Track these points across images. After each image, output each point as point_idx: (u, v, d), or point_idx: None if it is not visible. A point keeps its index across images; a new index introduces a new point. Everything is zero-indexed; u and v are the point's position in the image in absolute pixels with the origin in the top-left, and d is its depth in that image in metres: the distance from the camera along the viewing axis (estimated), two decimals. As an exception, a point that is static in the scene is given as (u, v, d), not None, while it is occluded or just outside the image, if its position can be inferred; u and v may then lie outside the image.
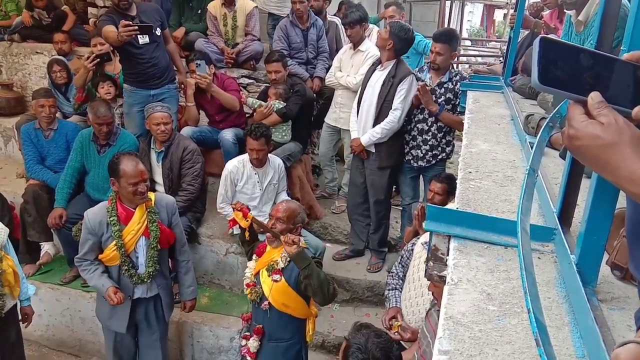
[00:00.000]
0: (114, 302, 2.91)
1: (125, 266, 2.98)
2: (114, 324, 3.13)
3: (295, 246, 2.61)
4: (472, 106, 2.85)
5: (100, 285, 2.98)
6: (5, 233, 3.04)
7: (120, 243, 2.93)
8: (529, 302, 0.71)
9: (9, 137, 5.38)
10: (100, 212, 2.97)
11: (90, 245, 2.97)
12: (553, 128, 1.59)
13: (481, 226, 1.37)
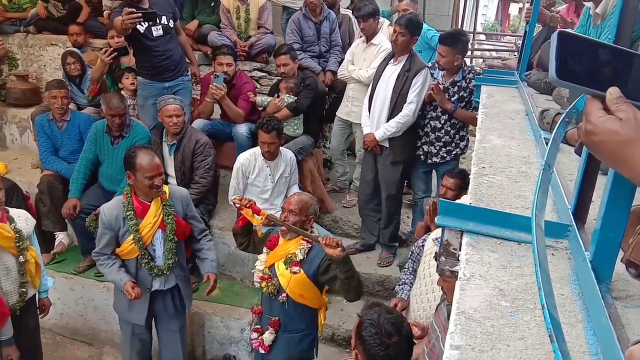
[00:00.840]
0: (132, 297, 2.94)
1: (145, 259, 3.01)
2: (133, 316, 3.17)
3: (340, 249, 2.51)
4: (486, 101, 2.82)
5: (118, 280, 3.01)
6: (32, 224, 3.09)
7: (137, 237, 2.96)
8: (543, 299, 0.70)
9: (24, 128, 5.45)
10: (116, 206, 3.00)
11: (107, 239, 3.00)
12: (569, 123, 1.57)
13: (494, 221, 1.36)
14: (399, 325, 1.71)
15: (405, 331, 1.72)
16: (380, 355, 1.67)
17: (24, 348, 3.13)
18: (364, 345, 1.70)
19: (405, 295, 2.96)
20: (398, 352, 1.68)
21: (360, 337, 1.72)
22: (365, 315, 1.76)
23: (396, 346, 1.68)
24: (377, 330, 1.68)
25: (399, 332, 1.69)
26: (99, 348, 4.14)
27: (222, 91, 4.10)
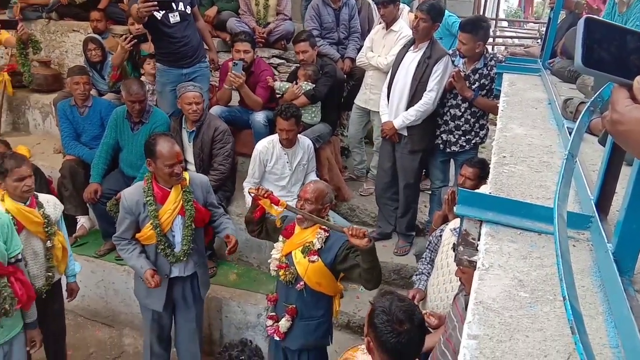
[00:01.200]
0: (151, 286, 2.99)
1: (162, 245, 3.05)
2: (151, 302, 3.22)
3: (367, 239, 2.46)
4: (508, 89, 2.77)
5: (138, 267, 3.05)
6: (60, 209, 3.16)
7: (156, 222, 2.99)
8: (564, 290, 0.70)
9: (47, 113, 5.54)
10: (137, 192, 3.03)
11: (127, 224, 3.04)
12: (594, 112, 1.54)
13: (514, 212, 1.34)
14: (410, 313, 1.72)
15: (417, 319, 1.72)
16: (391, 342, 1.67)
17: (49, 330, 3.22)
18: (375, 333, 1.71)
19: (423, 286, 2.96)
20: (409, 340, 1.69)
21: (372, 324, 1.72)
22: (377, 302, 1.76)
23: (408, 334, 1.68)
24: (389, 318, 1.69)
25: (411, 320, 1.70)
26: (119, 330, 4.23)
27: (240, 79, 4.10)
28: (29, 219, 2.92)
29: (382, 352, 1.71)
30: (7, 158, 2.88)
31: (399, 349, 1.68)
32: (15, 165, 2.84)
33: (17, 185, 2.85)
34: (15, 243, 2.62)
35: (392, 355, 1.70)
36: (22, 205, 2.90)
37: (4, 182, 2.85)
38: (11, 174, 2.83)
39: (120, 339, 4.15)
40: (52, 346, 3.42)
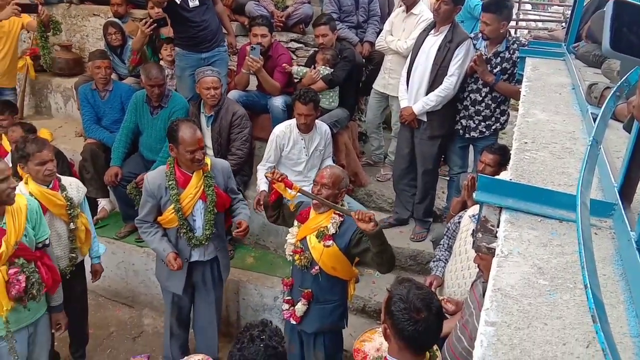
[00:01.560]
0: (174, 268, 3.04)
1: (183, 229, 3.08)
2: (171, 285, 3.28)
3: (373, 223, 2.50)
4: (531, 74, 2.72)
5: (161, 250, 3.10)
6: (83, 192, 3.22)
7: (178, 207, 3.03)
8: (586, 278, 0.68)
9: (68, 97, 5.62)
10: (159, 175, 3.07)
11: (149, 207, 3.08)
12: (620, 98, 1.50)
13: (535, 198, 1.33)
14: (428, 301, 1.70)
15: (435, 307, 1.71)
16: (408, 330, 1.67)
17: (72, 309, 3.30)
18: (392, 320, 1.70)
19: (440, 273, 2.95)
20: (427, 328, 1.68)
21: (390, 312, 1.72)
22: (394, 290, 1.76)
23: (425, 322, 1.67)
24: (406, 306, 1.68)
25: (429, 309, 1.69)
26: (139, 310, 4.32)
27: (258, 64, 4.09)
28: (52, 201, 2.98)
29: (399, 340, 1.71)
30: (28, 142, 2.93)
31: (416, 337, 1.68)
32: (36, 149, 2.88)
33: (39, 169, 2.90)
34: (43, 229, 2.68)
35: (409, 342, 1.70)
36: (45, 188, 2.96)
37: (27, 166, 2.91)
38: (33, 158, 2.88)
39: (140, 319, 4.24)
40: (75, 325, 3.50)
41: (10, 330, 2.54)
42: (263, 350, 1.67)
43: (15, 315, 2.57)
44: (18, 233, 2.46)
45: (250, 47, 4.11)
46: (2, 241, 2.40)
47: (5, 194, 2.39)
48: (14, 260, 2.47)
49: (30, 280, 2.51)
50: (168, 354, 3.53)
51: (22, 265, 2.49)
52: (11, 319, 2.54)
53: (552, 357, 0.88)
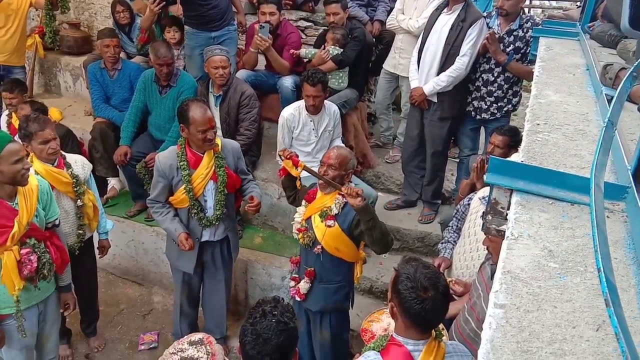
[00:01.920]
0: (185, 248, 3.06)
1: (195, 209, 3.10)
2: (182, 264, 3.31)
3: (360, 199, 2.57)
4: (544, 54, 2.66)
5: (172, 230, 3.12)
6: (89, 169, 3.23)
7: (189, 187, 3.03)
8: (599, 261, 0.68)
9: (77, 76, 5.61)
10: (171, 156, 3.07)
11: (161, 187, 3.09)
12: (636, 79, 1.47)
13: (547, 181, 1.31)
14: (435, 280, 1.71)
15: (441, 286, 1.71)
16: (415, 308, 1.68)
17: (82, 285, 3.35)
18: (399, 299, 1.71)
19: (448, 255, 2.95)
20: (433, 307, 1.69)
21: (396, 290, 1.73)
22: (402, 269, 1.76)
23: (432, 300, 1.68)
24: (413, 285, 1.68)
25: (435, 287, 1.69)
26: (149, 288, 4.38)
27: (267, 43, 4.04)
28: (58, 179, 2.99)
29: (405, 318, 1.72)
30: (30, 121, 2.91)
31: (423, 315, 1.69)
32: (39, 128, 2.88)
33: (43, 147, 2.90)
34: (53, 209, 2.70)
35: (415, 321, 1.71)
36: (51, 166, 2.96)
37: (30, 145, 2.91)
38: (36, 137, 2.88)
39: (150, 297, 4.30)
40: (85, 301, 3.57)
41: (20, 309, 2.58)
42: (275, 326, 1.69)
43: (26, 294, 2.61)
44: (30, 213, 2.48)
45: (259, 26, 4.06)
46: (15, 221, 2.42)
47: (20, 174, 2.40)
48: (25, 240, 2.49)
49: (41, 260, 2.54)
50: (177, 331, 3.58)
51: (34, 246, 2.51)
52: (21, 297, 2.58)
53: (562, 340, 0.87)
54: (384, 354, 1.75)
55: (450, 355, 1.78)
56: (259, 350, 1.67)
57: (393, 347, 1.75)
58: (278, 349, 1.68)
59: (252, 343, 1.68)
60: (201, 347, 2.40)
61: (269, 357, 1.67)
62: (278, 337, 1.68)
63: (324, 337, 3.03)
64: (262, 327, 1.69)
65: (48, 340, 2.92)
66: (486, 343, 0.89)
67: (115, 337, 3.86)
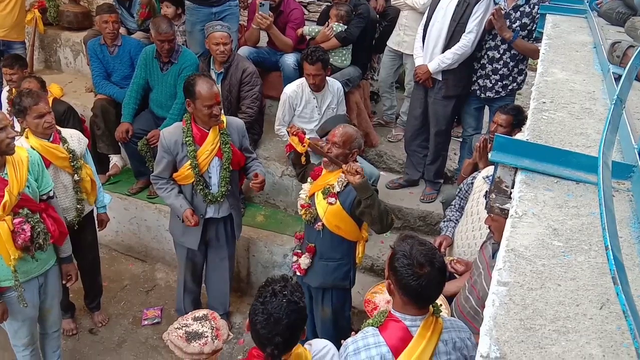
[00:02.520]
0: (191, 224, 3.07)
1: (200, 185, 3.10)
2: (186, 241, 3.32)
3: (359, 176, 2.59)
4: (551, 31, 2.62)
5: (177, 206, 3.12)
6: (84, 143, 3.22)
7: (194, 163, 3.03)
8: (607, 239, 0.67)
9: (78, 52, 5.56)
10: (176, 131, 3.06)
11: (165, 163, 3.09)
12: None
13: (552, 159, 1.30)
14: (431, 256, 1.72)
15: (437, 263, 1.73)
16: (412, 285, 1.69)
17: (84, 261, 3.37)
18: (396, 276, 1.73)
19: (450, 233, 2.96)
20: (429, 283, 1.70)
21: (393, 267, 1.74)
22: (398, 246, 1.78)
23: (428, 277, 1.69)
24: (409, 262, 1.70)
25: (431, 264, 1.71)
26: (152, 264, 4.41)
27: (267, 20, 3.98)
28: (54, 154, 2.98)
29: (402, 295, 1.74)
30: (24, 96, 2.89)
31: (419, 292, 1.71)
32: (32, 102, 2.86)
33: (38, 122, 2.88)
34: (45, 181, 2.70)
35: (412, 297, 1.73)
36: (46, 141, 2.95)
37: (25, 120, 2.89)
38: (30, 111, 2.86)
39: (153, 273, 4.33)
40: (88, 276, 3.60)
41: (19, 280, 2.60)
42: (286, 305, 1.70)
43: (25, 267, 2.63)
44: (20, 183, 2.48)
45: (260, 3, 3.99)
46: (5, 191, 2.43)
47: (4, 143, 2.40)
48: (19, 210, 2.50)
49: (35, 229, 2.54)
50: (180, 307, 3.62)
51: (27, 216, 2.52)
52: (20, 270, 2.60)
53: (565, 317, 0.87)
54: (382, 330, 1.78)
55: (448, 330, 1.81)
56: (270, 329, 1.68)
57: (391, 323, 1.78)
58: (288, 329, 1.69)
59: (263, 323, 1.69)
60: (205, 322, 2.44)
61: (280, 337, 1.67)
62: (289, 317, 1.69)
63: (325, 314, 3.06)
64: (273, 306, 1.69)
65: (50, 313, 2.96)
66: (489, 320, 0.89)
67: (118, 312, 3.91)
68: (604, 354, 0.82)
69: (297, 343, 1.78)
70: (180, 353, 2.32)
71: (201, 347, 2.31)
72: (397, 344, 1.73)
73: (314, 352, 1.85)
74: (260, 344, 1.73)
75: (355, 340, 1.79)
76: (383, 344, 1.73)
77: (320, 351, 1.86)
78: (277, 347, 1.68)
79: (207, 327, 2.42)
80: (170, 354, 3.58)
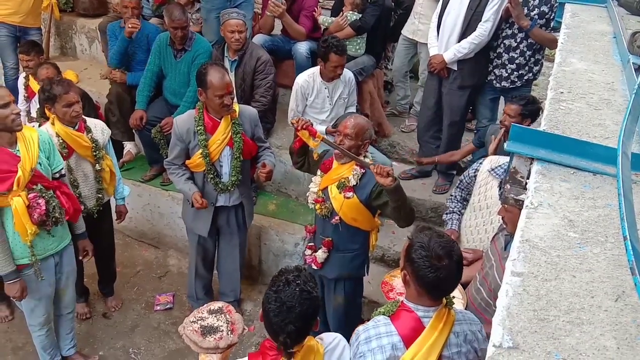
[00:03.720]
0: (198, 204, 3.09)
1: (211, 174, 3.12)
2: (197, 227, 3.35)
3: (390, 179, 2.48)
4: (570, 21, 2.57)
5: (187, 189, 3.16)
6: (107, 134, 3.26)
7: (205, 152, 3.05)
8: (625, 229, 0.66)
9: (93, 39, 5.58)
10: (189, 119, 3.08)
11: (178, 150, 3.12)
12: (669, 46, 1.41)
13: (569, 150, 1.28)
14: (449, 249, 1.70)
15: (456, 255, 1.71)
16: (429, 277, 1.68)
17: (100, 247, 3.42)
18: (413, 267, 1.72)
19: (455, 226, 2.93)
20: (447, 275, 1.69)
21: (410, 259, 1.73)
22: (415, 238, 1.76)
23: (446, 269, 1.68)
24: (427, 253, 1.68)
25: (450, 256, 1.69)
26: (164, 251, 4.46)
27: (280, 8, 3.96)
28: (78, 142, 3.02)
29: (418, 286, 1.73)
30: (54, 84, 2.94)
31: (436, 284, 1.69)
32: (63, 91, 2.91)
33: (67, 110, 2.93)
34: (57, 160, 2.74)
35: (428, 288, 1.72)
36: (71, 129, 3.00)
37: (54, 108, 2.94)
38: (60, 99, 2.90)
39: (165, 260, 4.38)
40: (103, 262, 3.66)
41: (36, 256, 2.65)
42: (299, 294, 1.70)
43: (41, 244, 2.68)
44: (32, 160, 2.53)
45: None
46: (18, 167, 2.47)
47: (9, 119, 2.43)
48: (32, 187, 2.54)
49: (50, 204, 2.58)
50: (192, 293, 3.66)
51: (41, 191, 2.56)
52: (37, 247, 2.65)
53: (580, 309, 0.87)
54: (394, 319, 1.77)
55: (459, 322, 1.80)
56: (282, 317, 1.68)
57: (403, 313, 1.77)
58: (301, 317, 1.69)
59: (276, 311, 1.69)
60: (221, 316, 2.45)
61: (292, 325, 1.68)
62: (302, 306, 1.69)
63: (337, 302, 3.07)
64: (286, 295, 1.70)
65: (65, 293, 3.01)
66: (502, 310, 0.89)
67: (131, 297, 3.96)
68: (618, 346, 0.81)
69: (309, 333, 1.78)
70: (195, 347, 2.32)
71: (216, 342, 2.31)
72: (409, 334, 1.73)
73: (325, 344, 1.85)
74: (273, 332, 1.73)
75: (367, 328, 1.79)
76: (395, 333, 1.73)
77: (330, 344, 1.87)
78: (290, 335, 1.68)
79: (222, 320, 2.42)
80: (182, 340, 3.63)
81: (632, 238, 0.65)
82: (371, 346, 1.73)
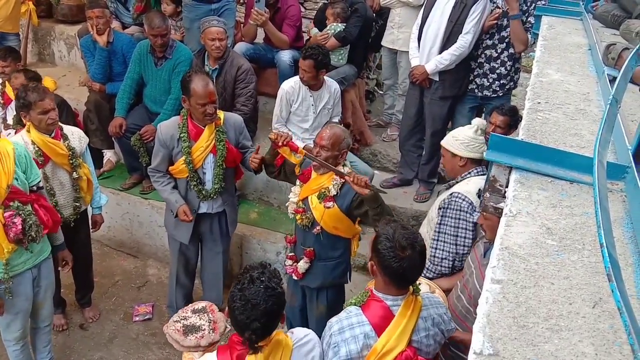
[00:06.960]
0: (188, 219, 3.08)
1: (194, 181, 3.10)
2: (178, 234, 3.32)
3: (368, 189, 2.53)
4: (547, 33, 2.63)
5: (173, 201, 3.14)
6: (85, 142, 3.20)
7: (188, 159, 3.03)
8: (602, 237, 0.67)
9: (72, 45, 5.51)
10: (172, 126, 3.06)
11: (161, 157, 3.10)
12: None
13: (547, 159, 1.31)
14: (412, 240, 1.80)
15: (419, 246, 1.81)
16: (393, 267, 1.78)
17: (76, 257, 3.34)
18: (379, 258, 1.82)
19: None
20: (411, 265, 1.79)
21: (376, 250, 1.83)
22: (381, 230, 1.86)
23: (409, 259, 1.78)
24: (392, 245, 1.78)
25: (413, 247, 1.79)
26: (144, 260, 4.38)
27: (263, 17, 3.97)
28: (55, 150, 2.96)
29: (384, 275, 1.83)
30: (29, 91, 2.87)
31: (400, 273, 1.79)
32: (38, 98, 2.84)
33: (42, 118, 2.87)
34: (34, 172, 2.67)
35: (393, 278, 1.82)
36: (48, 137, 2.94)
37: (29, 115, 2.87)
38: (35, 107, 2.84)
39: (145, 269, 4.31)
40: (80, 272, 3.57)
41: (9, 274, 2.58)
42: (263, 291, 1.71)
43: (18, 258, 2.61)
44: (8, 176, 2.45)
45: (256, 0, 3.97)
46: None
47: None
48: (9, 204, 2.47)
49: (27, 222, 2.52)
50: (172, 302, 3.60)
51: (18, 208, 2.49)
52: (14, 262, 2.58)
53: (558, 315, 0.88)
54: (365, 309, 1.88)
55: (426, 307, 1.92)
56: (247, 315, 1.69)
57: (373, 303, 1.88)
58: (266, 314, 1.71)
59: (240, 309, 1.70)
60: (203, 315, 2.45)
61: (257, 322, 1.69)
62: (266, 303, 1.70)
63: (320, 311, 3.05)
64: (251, 292, 1.71)
65: (42, 306, 2.94)
66: (482, 317, 0.89)
67: (109, 308, 3.88)
68: (596, 352, 0.82)
69: (275, 329, 1.80)
70: (177, 346, 2.33)
71: (198, 341, 2.32)
72: (380, 323, 1.84)
73: (294, 339, 1.86)
74: (239, 329, 1.75)
75: (340, 319, 1.88)
76: (366, 323, 1.84)
77: (301, 339, 1.89)
78: (255, 332, 1.70)
79: (204, 320, 2.42)
80: (161, 351, 3.58)
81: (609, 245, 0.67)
82: (345, 336, 1.82)
